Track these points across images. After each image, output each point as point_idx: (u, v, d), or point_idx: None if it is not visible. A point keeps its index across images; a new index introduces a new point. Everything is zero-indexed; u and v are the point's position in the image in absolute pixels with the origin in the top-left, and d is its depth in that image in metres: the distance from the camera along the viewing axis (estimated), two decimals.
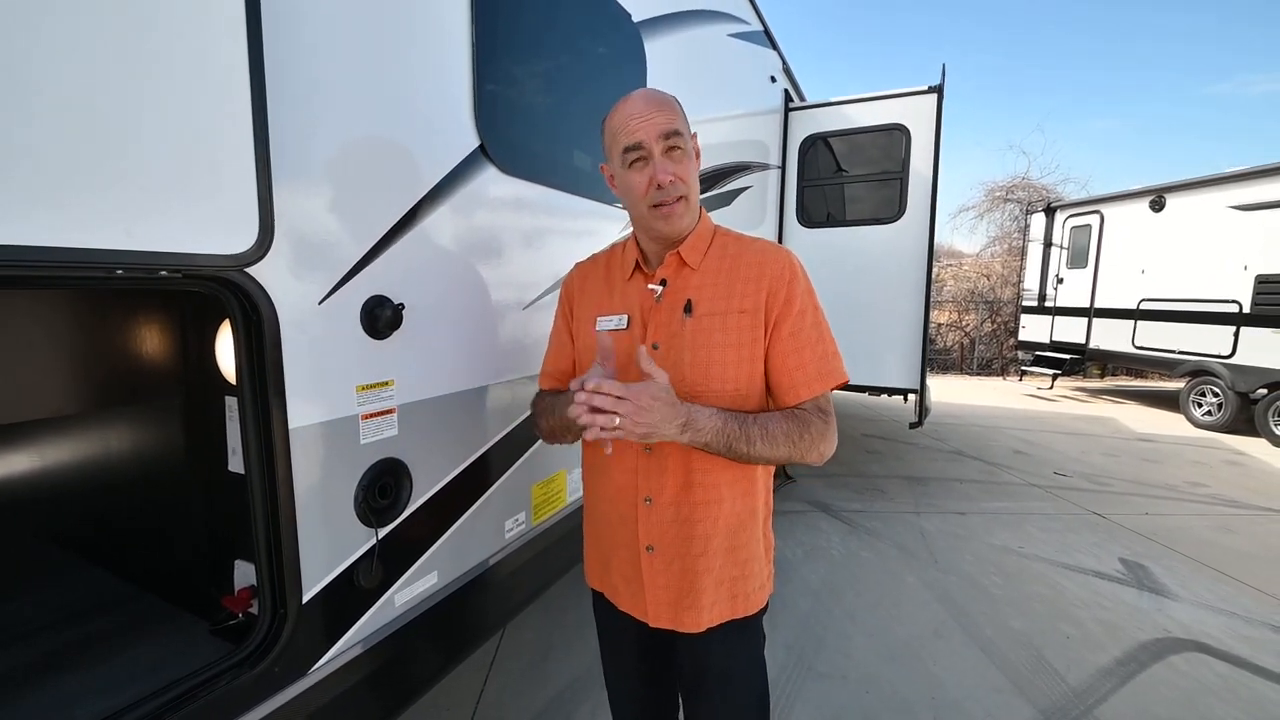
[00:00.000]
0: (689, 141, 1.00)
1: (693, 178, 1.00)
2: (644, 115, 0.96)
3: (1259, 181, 5.96)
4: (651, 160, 0.96)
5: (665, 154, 0.96)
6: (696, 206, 1.04)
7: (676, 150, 0.97)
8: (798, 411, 0.98)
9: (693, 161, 1.01)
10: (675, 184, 0.97)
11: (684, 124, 0.99)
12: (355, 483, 1.07)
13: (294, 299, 0.94)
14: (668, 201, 0.98)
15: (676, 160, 0.97)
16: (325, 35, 0.97)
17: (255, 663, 0.95)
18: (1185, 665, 2.28)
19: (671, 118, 0.97)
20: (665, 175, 0.96)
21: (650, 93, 1.00)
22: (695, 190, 1.02)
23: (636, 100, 0.98)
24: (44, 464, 1.72)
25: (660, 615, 1.06)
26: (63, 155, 0.66)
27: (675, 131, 0.96)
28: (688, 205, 1.00)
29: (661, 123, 0.95)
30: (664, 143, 0.96)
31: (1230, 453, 5.55)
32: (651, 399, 0.86)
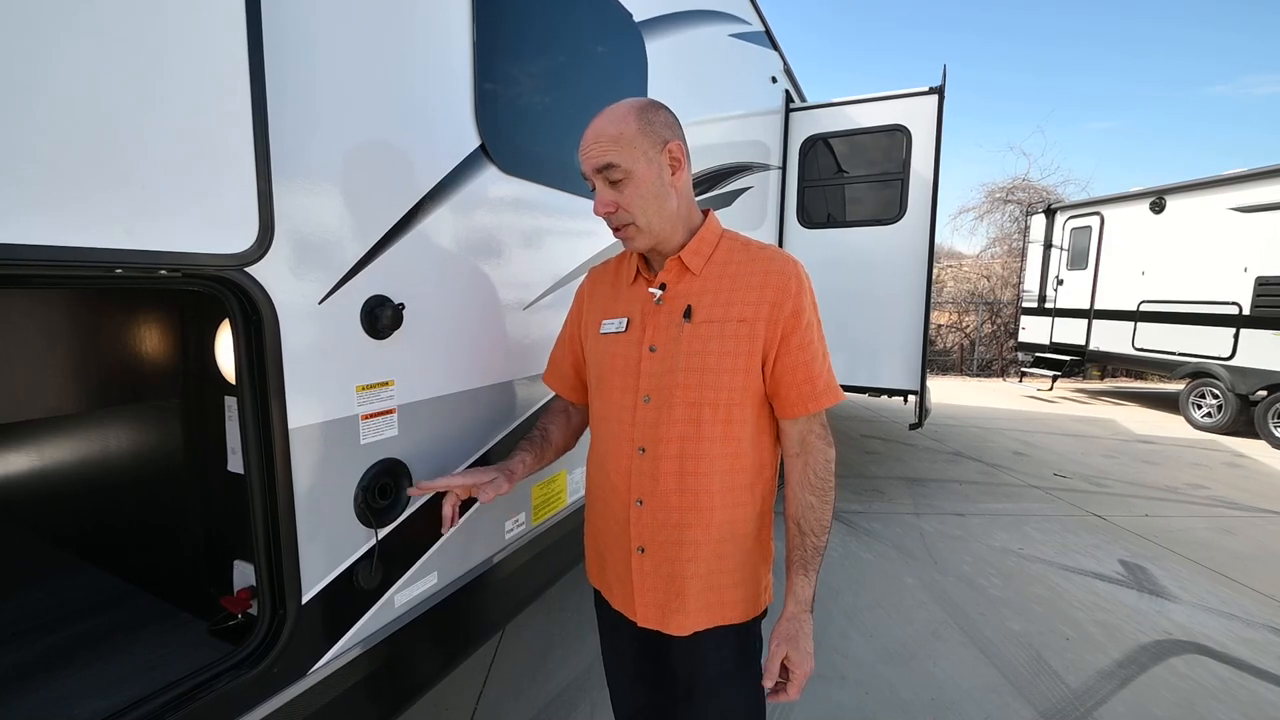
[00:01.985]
0: (640, 163, 0.96)
1: (638, 203, 0.98)
2: (584, 149, 0.98)
3: (1259, 183, 5.96)
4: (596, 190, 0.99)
5: (607, 185, 0.98)
6: (662, 224, 1.01)
7: (617, 181, 0.97)
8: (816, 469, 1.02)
9: (641, 186, 0.97)
10: (617, 214, 0.99)
11: (630, 149, 0.96)
12: (355, 483, 1.07)
13: (294, 298, 0.93)
14: (615, 227, 1.02)
15: (619, 189, 0.98)
16: (326, 34, 0.97)
17: (254, 663, 0.95)
18: (1185, 667, 2.28)
19: (607, 148, 0.95)
20: (601, 207, 0.99)
21: (599, 122, 0.98)
22: (650, 212, 0.99)
23: (587, 131, 0.99)
24: (43, 463, 1.72)
25: (649, 616, 1.06)
26: (62, 154, 0.65)
27: (607, 165, 0.96)
28: (638, 229, 1.00)
29: (595, 156, 0.96)
30: (599, 176, 0.98)
31: (1230, 454, 5.56)
32: (806, 664, 0.98)
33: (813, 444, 1.02)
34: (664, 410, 1.00)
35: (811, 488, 1.02)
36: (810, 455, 1.02)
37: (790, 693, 0.97)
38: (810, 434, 1.02)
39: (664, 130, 0.99)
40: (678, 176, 1.01)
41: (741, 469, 1.02)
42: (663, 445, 1.00)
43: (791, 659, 0.97)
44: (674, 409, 1.00)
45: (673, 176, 1.00)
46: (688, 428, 0.99)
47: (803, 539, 1.02)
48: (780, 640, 0.99)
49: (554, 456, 1.26)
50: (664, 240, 1.03)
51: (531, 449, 1.21)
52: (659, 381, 1.01)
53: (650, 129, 0.97)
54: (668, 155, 0.99)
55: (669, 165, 0.99)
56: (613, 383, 1.07)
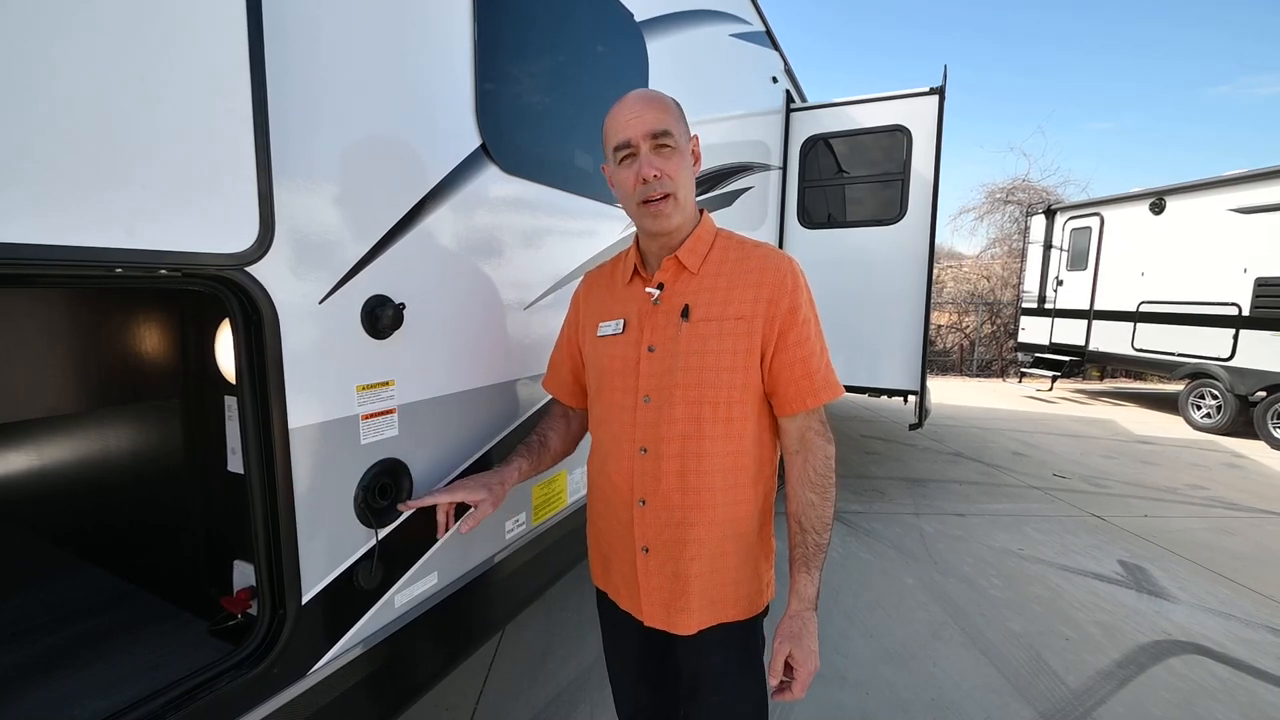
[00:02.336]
0: (683, 141, 0.99)
1: (683, 176, 1.00)
2: (634, 113, 0.97)
3: (1259, 184, 5.96)
4: (639, 157, 0.97)
5: (653, 151, 0.97)
6: (689, 207, 1.03)
7: (665, 148, 0.97)
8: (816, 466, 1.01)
9: (685, 161, 1.00)
10: (661, 180, 0.97)
11: (678, 124, 0.99)
12: (355, 483, 1.06)
13: (294, 298, 0.93)
14: (654, 197, 0.98)
15: (665, 157, 0.97)
16: (327, 33, 0.97)
17: (254, 663, 0.95)
18: (1184, 668, 2.28)
19: (662, 116, 0.97)
20: (650, 170, 0.96)
21: (645, 93, 1.00)
22: (687, 190, 1.01)
23: (630, 100, 0.99)
24: (43, 463, 1.71)
25: (655, 615, 1.07)
26: (62, 153, 0.65)
27: (664, 130, 0.96)
28: (676, 204, 0.99)
29: (651, 121, 0.96)
30: (652, 140, 0.96)
31: (1229, 455, 5.56)
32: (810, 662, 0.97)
33: (812, 441, 1.02)
34: (664, 410, 1.00)
35: (812, 485, 1.01)
36: (810, 452, 1.02)
37: (795, 691, 0.97)
38: (809, 430, 1.02)
39: (689, 126, 1.04)
40: (695, 168, 1.04)
41: (743, 467, 1.03)
42: (664, 445, 1.00)
43: (796, 657, 0.97)
44: (674, 408, 1.00)
45: (694, 167, 1.04)
46: (688, 426, 1.00)
47: (804, 536, 1.02)
48: (784, 638, 0.98)
49: (551, 463, 1.26)
50: (686, 223, 1.04)
51: (529, 455, 1.21)
52: (658, 381, 1.01)
53: (684, 118, 1.02)
54: (693, 145, 1.03)
55: (691, 155, 1.03)
56: (612, 384, 1.07)
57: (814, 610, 1.01)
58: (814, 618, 1.00)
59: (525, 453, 1.21)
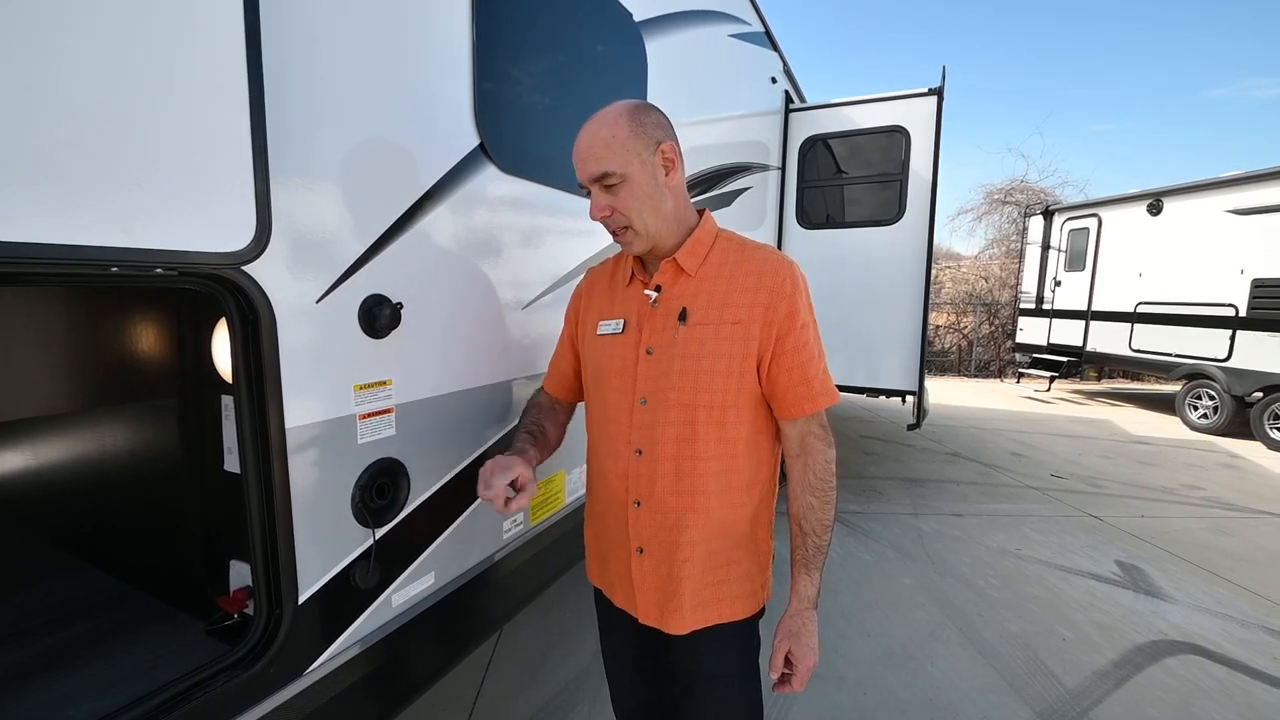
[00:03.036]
0: (633, 168, 0.96)
1: (637, 205, 0.98)
2: (578, 158, 0.99)
3: (1256, 186, 5.98)
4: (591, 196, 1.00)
5: (601, 190, 0.98)
6: (661, 226, 1.01)
7: (611, 186, 0.98)
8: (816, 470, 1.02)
9: (637, 189, 0.97)
10: (613, 217, 1.00)
11: (621, 154, 0.95)
12: (352, 483, 1.06)
13: (291, 297, 0.93)
14: (612, 231, 1.03)
15: (613, 194, 0.98)
16: (324, 31, 0.97)
17: (251, 664, 0.94)
18: (1180, 667, 2.28)
19: (599, 155, 0.96)
20: (596, 212, 1.01)
21: (590, 129, 0.98)
22: (649, 214, 1.00)
23: (579, 139, 0.99)
24: (39, 462, 1.71)
25: (649, 614, 1.07)
26: (59, 153, 0.65)
27: (602, 174, 0.96)
28: (635, 233, 1.01)
29: (590, 166, 0.97)
30: (594, 183, 0.98)
31: (1226, 455, 5.58)
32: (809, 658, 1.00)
33: (812, 445, 1.03)
34: (659, 412, 1.00)
35: (812, 489, 1.02)
36: (810, 456, 1.02)
37: (794, 685, 1.00)
38: (810, 435, 1.02)
39: (656, 131, 0.99)
40: (671, 177, 1.01)
41: (737, 470, 1.02)
42: (659, 447, 1.01)
43: (795, 653, 1.00)
44: (669, 411, 1.00)
45: (666, 177, 1.00)
46: (683, 429, 1.00)
47: (805, 539, 1.03)
48: (784, 635, 1.01)
49: (549, 453, 1.23)
50: (661, 241, 1.03)
51: (535, 443, 1.16)
52: (655, 384, 1.01)
53: (642, 130, 0.97)
54: (660, 156, 0.99)
55: (662, 166, 0.99)
56: (609, 384, 1.07)
57: (814, 609, 1.03)
58: (814, 616, 1.02)
59: (531, 441, 1.16)
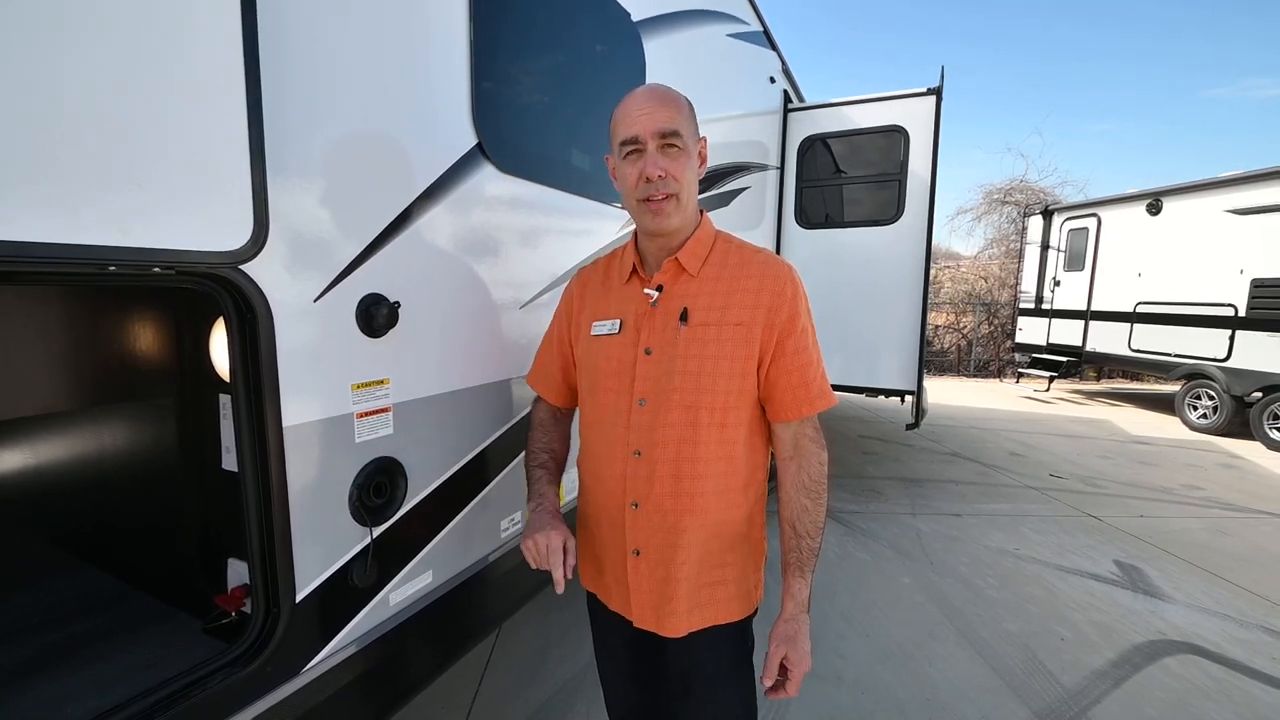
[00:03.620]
0: (691, 143, 0.99)
1: (687, 178, 0.99)
2: (645, 110, 0.95)
3: (1256, 186, 5.98)
4: (645, 154, 0.96)
5: (660, 150, 0.96)
6: (690, 209, 1.02)
7: (673, 149, 0.96)
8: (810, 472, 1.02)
9: (691, 162, 0.99)
10: (665, 180, 0.96)
11: (688, 125, 0.98)
12: (350, 481, 1.06)
13: (289, 296, 0.93)
14: (655, 197, 0.97)
15: (671, 158, 0.96)
16: (322, 31, 0.97)
17: (248, 662, 0.95)
18: (1179, 667, 2.28)
19: (673, 115, 0.96)
20: (655, 169, 0.95)
21: (659, 89, 0.99)
22: (690, 192, 1.00)
23: (642, 94, 0.98)
24: (37, 461, 1.71)
25: (645, 617, 1.07)
26: (57, 152, 0.65)
27: (674, 131, 0.95)
28: (678, 204, 0.98)
29: (661, 119, 0.95)
30: (660, 139, 0.95)
31: (1225, 455, 5.58)
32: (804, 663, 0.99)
33: (806, 447, 1.03)
34: (660, 414, 1.00)
35: (806, 491, 1.02)
36: (804, 459, 1.03)
37: (789, 690, 1.00)
38: (803, 437, 1.03)
39: (698, 126, 1.03)
40: (700, 170, 1.04)
41: (735, 471, 1.02)
42: (659, 449, 1.00)
43: (790, 658, 0.99)
44: (670, 412, 0.99)
45: (699, 168, 1.03)
46: (684, 431, 0.99)
47: (798, 541, 1.03)
48: (779, 641, 1.01)
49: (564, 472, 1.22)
50: (686, 224, 1.03)
51: (552, 478, 1.15)
52: (655, 385, 1.00)
53: (695, 119, 1.01)
54: (700, 147, 1.02)
55: (698, 156, 1.02)
56: (606, 385, 1.06)
57: (807, 613, 1.02)
58: (807, 620, 1.02)
59: (549, 478, 1.15)
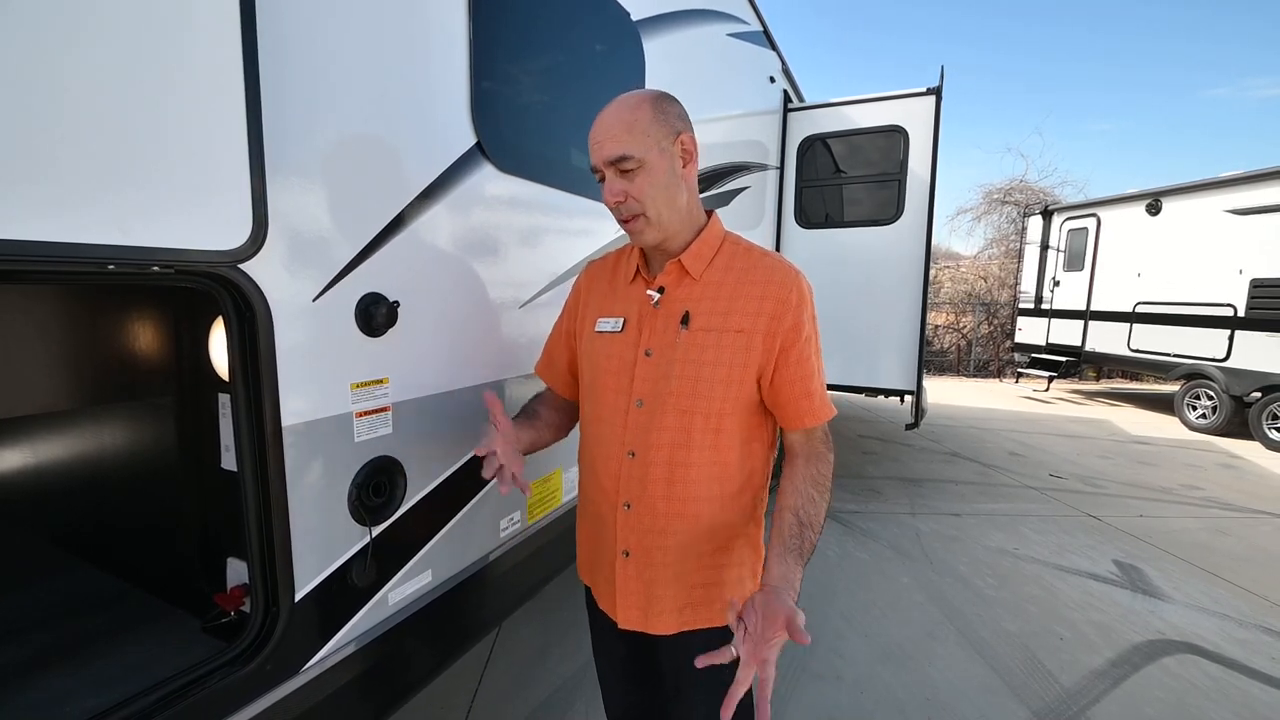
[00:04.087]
0: (652, 155, 0.94)
1: (652, 193, 0.96)
2: (596, 139, 0.96)
3: (1255, 186, 5.98)
4: (605, 181, 0.97)
5: (617, 175, 0.95)
6: (673, 217, 0.99)
7: (628, 171, 0.95)
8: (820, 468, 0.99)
9: (654, 177, 0.95)
10: (625, 203, 0.96)
11: (643, 140, 0.93)
12: (349, 481, 1.06)
13: (288, 296, 0.93)
14: (624, 219, 0.99)
15: (629, 179, 0.95)
16: (321, 29, 0.97)
17: (247, 661, 0.95)
18: (1177, 667, 2.29)
19: (621, 138, 0.93)
20: (611, 196, 0.96)
21: (611, 111, 0.96)
22: (662, 204, 0.97)
23: (598, 120, 0.97)
24: (36, 460, 1.71)
25: (630, 618, 1.06)
26: (55, 151, 0.65)
27: (620, 156, 0.93)
28: (648, 221, 0.98)
29: (609, 148, 0.94)
30: (612, 166, 0.95)
31: (1224, 455, 5.59)
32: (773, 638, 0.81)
33: (816, 449, 1.01)
34: (656, 416, 0.99)
35: (814, 483, 0.99)
36: (814, 457, 1.01)
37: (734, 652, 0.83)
38: (814, 441, 1.02)
39: (677, 121, 0.98)
40: (689, 170, 1.00)
41: (729, 477, 1.01)
42: (653, 451, 0.99)
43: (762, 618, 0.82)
44: (666, 415, 0.99)
45: (684, 169, 0.99)
46: (678, 435, 0.98)
47: (801, 530, 0.95)
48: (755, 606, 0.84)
49: (546, 437, 1.19)
50: (671, 235, 1.01)
51: (524, 419, 1.14)
52: (653, 387, 1.00)
53: (664, 119, 0.96)
54: (680, 146, 0.98)
55: (680, 157, 0.98)
56: (606, 384, 1.06)
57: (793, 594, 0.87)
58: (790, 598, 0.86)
59: (522, 416, 1.14)
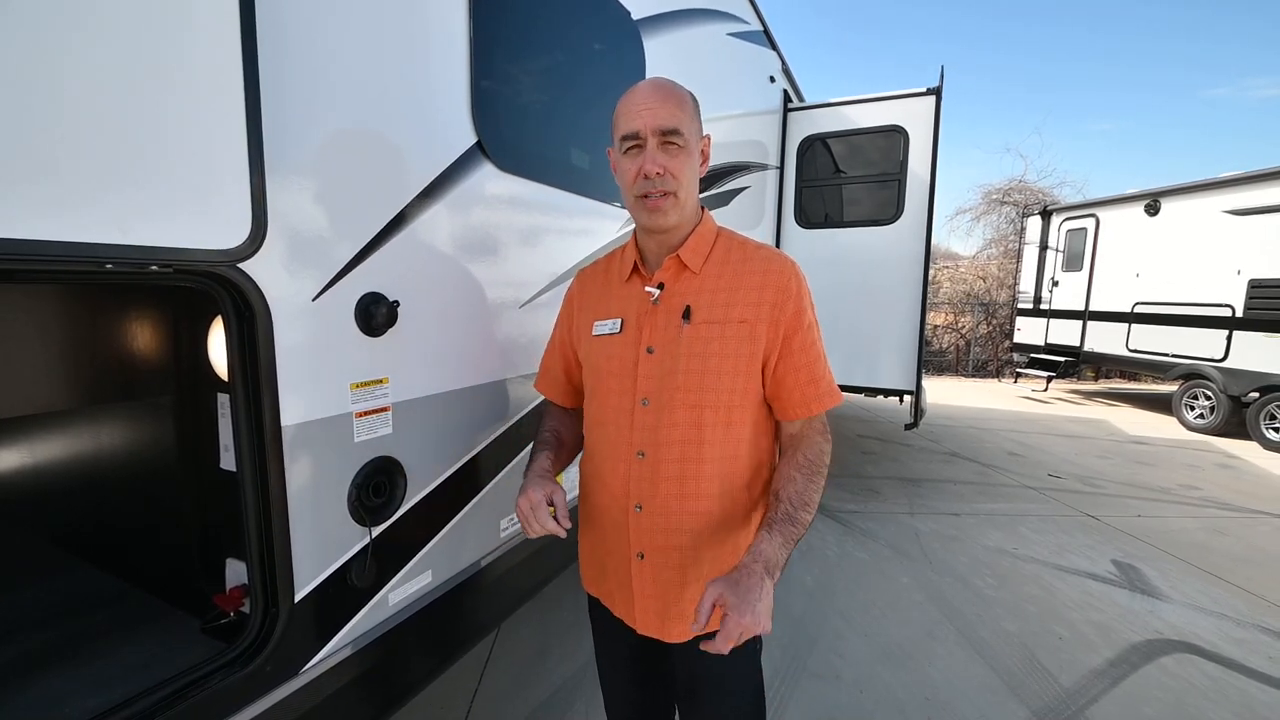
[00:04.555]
0: (694, 140, 0.97)
1: (687, 176, 0.97)
2: (647, 105, 0.93)
3: (1253, 186, 5.99)
4: (645, 150, 0.94)
5: (660, 147, 0.94)
6: (689, 207, 1.01)
7: (673, 146, 0.94)
8: (807, 453, 0.98)
9: (692, 160, 0.97)
10: (663, 177, 0.94)
11: (691, 122, 0.96)
12: (349, 481, 1.06)
13: (287, 295, 0.93)
14: (653, 194, 0.95)
15: (671, 155, 0.94)
16: (321, 28, 0.96)
17: (247, 662, 0.94)
18: (1176, 666, 2.29)
19: (675, 112, 0.94)
20: (653, 166, 0.93)
21: (662, 83, 0.97)
22: (689, 190, 0.98)
23: (645, 88, 0.96)
24: (35, 460, 1.70)
25: (648, 624, 1.05)
26: (54, 150, 0.65)
27: (675, 128, 0.93)
28: (676, 202, 0.96)
29: (663, 116, 0.92)
30: (660, 136, 0.93)
31: (1222, 455, 5.59)
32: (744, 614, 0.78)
33: (810, 438, 1.01)
34: (664, 413, 0.98)
35: (798, 466, 0.97)
36: (806, 444, 1.00)
37: (717, 642, 0.78)
38: (812, 431, 1.01)
39: (701, 122, 1.01)
40: (703, 168, 1.02)
41: (739, 471, 1.01)
42: (663, 449, 0.99)
43: (728, 602, 0.79)
44: (675, 412, 0.98)
45: (700, 166, 1.02)
46: (689, 431, 0.98)
47: (777, 504, 0.93)
48: (718, 582, 0.82)
49: (569, 459, 1.19)
50: (685, 222, 1.02)
51: (548, 449, 1.13)
52: (658, 384, 0.99)
53: (699, 115, 0.99)
54: (704, 144, 1.01)
55: (700, 154, 1.01)
56: (608, 386, 1.05)
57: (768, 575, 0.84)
58: (762, 575, 0.83)
59: (548, 452, 1.11)
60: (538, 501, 0.96)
